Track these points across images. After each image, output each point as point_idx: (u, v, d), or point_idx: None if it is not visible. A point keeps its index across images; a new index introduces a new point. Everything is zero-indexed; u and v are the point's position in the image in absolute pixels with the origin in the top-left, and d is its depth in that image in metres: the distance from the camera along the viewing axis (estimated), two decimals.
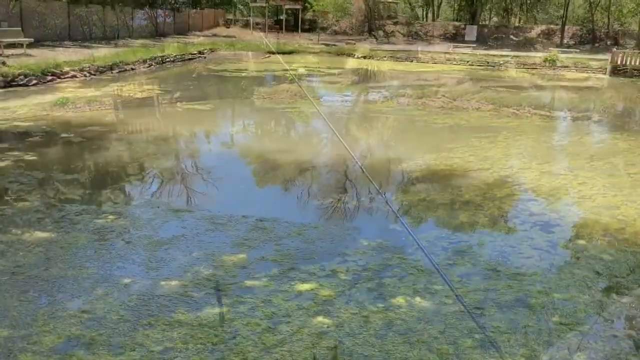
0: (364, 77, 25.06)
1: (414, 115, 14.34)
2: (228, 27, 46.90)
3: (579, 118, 15.63)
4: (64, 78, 16.38)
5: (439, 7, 55.13)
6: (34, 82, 14.98)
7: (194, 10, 44.00)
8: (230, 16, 52.02)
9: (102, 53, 21.02)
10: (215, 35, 40.11)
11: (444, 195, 7.45)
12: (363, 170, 8.41)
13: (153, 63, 22.31)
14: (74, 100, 13.06)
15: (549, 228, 6.42)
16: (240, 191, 7.59)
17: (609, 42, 38.83)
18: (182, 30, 39.08)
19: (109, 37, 29.26)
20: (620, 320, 4.37)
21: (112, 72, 19.01)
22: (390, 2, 54.73)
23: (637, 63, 27.30)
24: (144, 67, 21.26)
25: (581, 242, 5.99)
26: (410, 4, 56.49)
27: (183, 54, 25.85)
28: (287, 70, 24.07)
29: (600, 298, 4.66)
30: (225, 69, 22.55)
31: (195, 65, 24.43)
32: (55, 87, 15.20)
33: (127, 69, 20.23)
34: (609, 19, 42.28)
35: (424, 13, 57.66)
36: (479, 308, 4.24)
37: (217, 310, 4.18)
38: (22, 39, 19.71)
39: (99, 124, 10.78)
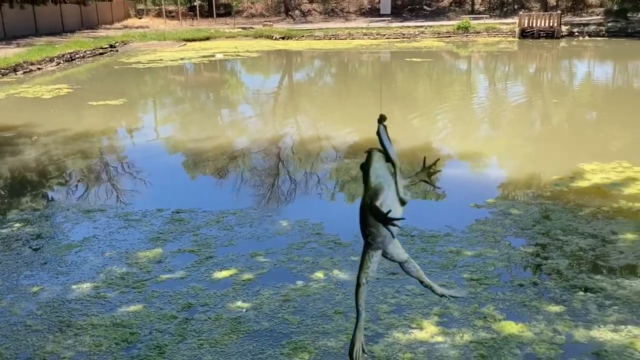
0: (284, 58, 24.96)
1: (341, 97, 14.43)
2: (140, 18, 45.30)
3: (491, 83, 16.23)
4: None
5: None
6: None
7: (102, 2, 42.17)
8: (142, 6, 50.19)
9: (3, 54, 19.85)
10: (126, 27, 38.68)
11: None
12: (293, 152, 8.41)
13: (61, 61, 21.29)
14: None
15: (463, 188, 6.67)
16: (156, 184, 7.41)
17: (516, 6, 40.28)
18: (91, 24, 37.43)
19: (9, 37, 27.62)
20: (526, 270, 4.60)
21: (15, 74, 18.00)
22: None
23: (542, 24, 28.56)
24: (51, 66, 20.25)
25: (491, 200, 6.24)
26: None
27: (93, 49, 24.77)
28: (204, 57, 23.61)
29: (507, 251, 4.88)
30: (138, 61, 21.80)
31: (107, 59, 23.50)
32: None
33: (33, 69, 19.20)
34: None
35: None
36: (394, 274, 4.34)
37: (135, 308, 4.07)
38: None
39: (2, 129, 10.21)
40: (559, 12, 31.34)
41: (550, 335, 3.59)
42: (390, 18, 39.85)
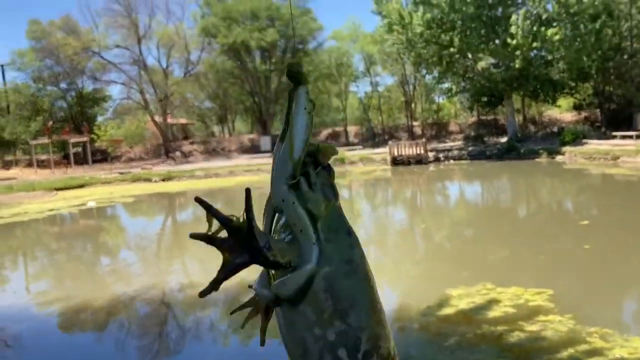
0: (163, 200, 24.22)
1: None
2: (8, 170, 42.95)
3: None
4: None
5: (233, 122, 57.23)
6: None
7: None
8: (11, 157, 47.88)
9: None
10: None
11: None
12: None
13: None
14: None
15: None
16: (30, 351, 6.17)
17: (386, 137, 43.23)
18: None
19: None
20: None
21: None
22: (185, 124, 55.49)
23: (411, 152, 30.56)
24: None
25: None
26: (205, 123, 57.81)
27: None
28: (75, 205, 22.29)
29: None
30: None
31: None
32: None
33: None
34: (381, 116, 47.44)
35: (221, 129, 59.32)
36: None
37: None
38: None
39: None
40: (424, 140, 33.87)
41: None
42: (270, 154, 40.88)
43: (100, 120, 51.33)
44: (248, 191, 1.42)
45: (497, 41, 30.12)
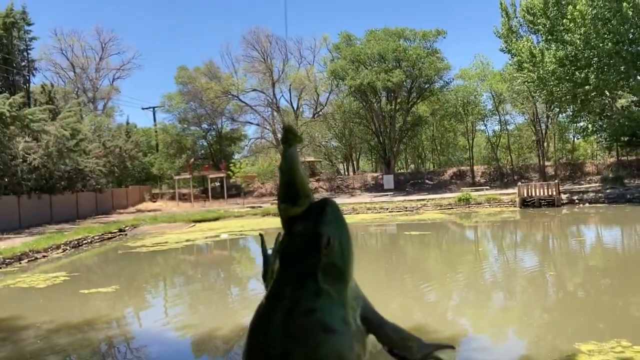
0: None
1: None
2: (154, 201, 47.22)
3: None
4: None
5: (357, 160, 58.32)
6: None
7: (119, 188, 44.37)
8: (157, 190, 52.64)
9: (12, 244, 20.31)
10: (139, 210, 40.12)
11: None
12: None
13: (68, 247, 21.66)
14: None
15: None
16: None
17: (515, 177, 41.60)
18: (106, 210, 38.92)
19: (24, 226, 28.59)
20: None
21: (20, 263, 18.20)
22: (312, 161, 57.51)
23: (542, 193, 29.17)
24: (57, 253, 20.55)
25: None
26: (330, 161, 59.48)
27: (102, 234, 25.37)
28: (210, 237, 24.00)
29: None
30: (143, 245, 22.14)
31: (115, 243, 23.94)
32: None
33: (39, 257, 19.47)
34: (511, 156, 45.79)
35: (345, 167, 60.63)
36: None
37: None
38: None
39: None
40: (557, 181, 32.20)
41: None
42: (393, 192, 41.12)
43: (236, 157, 54.88)
44: (262, 236, 1.72)
45: (638, 77, 28.19)
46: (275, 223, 29.05)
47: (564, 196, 29.48)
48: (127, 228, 28.16)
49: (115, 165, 40.55)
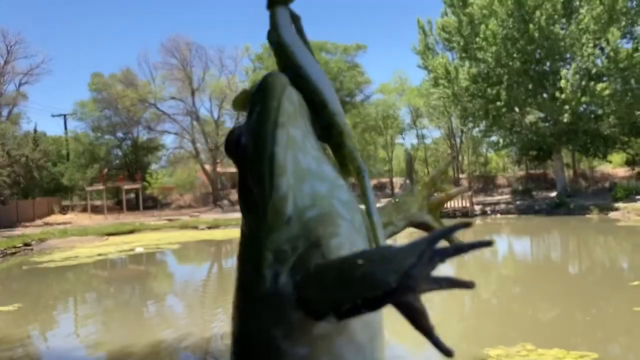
0: (207, 247, 24.64)
1: None
2: (64, 214, 44.79)
3: None
4: None
5: None
6: None
7: (24, 200, 41.70)
8: (68, 202, 49.98)
9: None
10: (47, 223, 37.88)
11: None
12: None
13: None
14: None
15: None
16: None
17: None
18: (10, 223, 36.40)
19: None
20: None
21: None
22: (234, 173, 56.71)
23: (456, 205, 30.25)
24: None
25: None
26: None
27: (4, 249, 23.64)
28: (123, 250, 22.96)
29: None
30: (51, 260, 20.81)
31: (19, 258, 22.38)
32: None
33: None
34: (427, 169, 47.32)
35: None
36: None
37: None
38: None
39: None
40: (470, 193, 33.50)
41: None
42: None
43: (153, 168, 53.17)
44: None
45: (545, 95, 29.96)
46: (193, 236, 28.30)
47: (477, 207, 30.71)
48: (33, 242, 26.41)
49: (21, 176, 38.15)
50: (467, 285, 1.00)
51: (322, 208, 1.02)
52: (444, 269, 1.08)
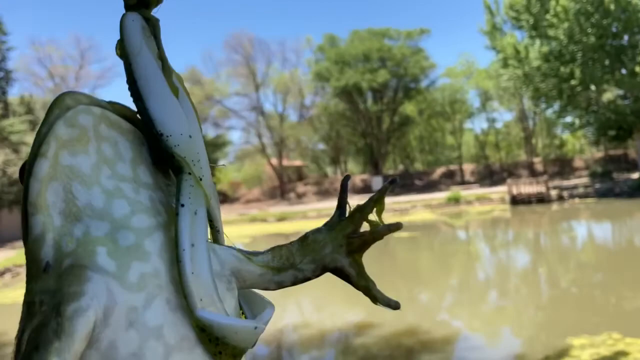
0: (277, 240, 24.76)
1: None
2: None
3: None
4: None
5: (345, 163, 57.99)
6: None
7: None
8: None
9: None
10: None
11: None
12: None
13: None
14: None
15: None
16: None
17: (504, 174, 41.45)
18: None
19: (4, 240, 27.87)
20: None
21: (2, 278, 17.60)
22: (300, 166, 57.11)
23: (531, 190, 28.93)
24: None
25: None
26: (318, 165, 59.12)
27: None
28: None
29: None
30: None
31: None
32: None
33: (22, 271, 18.84)
34: (499, 153, 45.71)
35: (333, 170, 60.29)
36: None
37: None
38: None
39: None
40: (546, 177, 32.01)
41: None
42: None
43: (221, 164, 54.30)
44: None
45: (623, 71, 28.06)
46: (263, 230, 28.61)
47: (553, 192, 29.25)
48: None
49: None
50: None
51: (76, 257, 0.72)
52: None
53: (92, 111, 0.84)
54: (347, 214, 1.02)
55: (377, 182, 44.04)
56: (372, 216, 1.05)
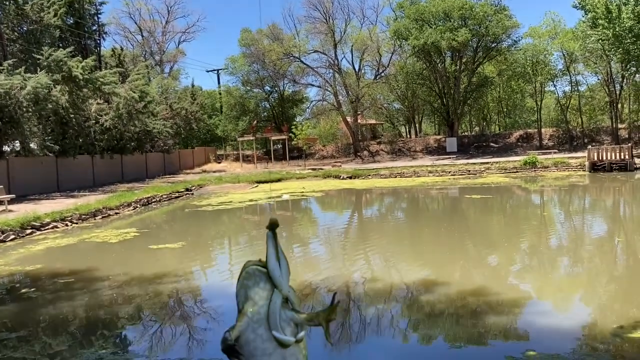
0: (348, 195, 25.49)
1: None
2: (219, 163, 48.54)
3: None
4: (44, 230, 16.63)
5: (420, 123, 57.45)
6: (12, 237, 15.19)
7: (185, 149, 45.77)
8: (221, 152, 53.97)
9: (87, 200, 21.55)
10: (205, 171, 41.40)
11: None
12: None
13: (138, 205, 22.78)
14: (47, 250, 13.20)
15: (506, 335, 6.23)
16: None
17: (585, 140, 39.92)
18: (173, 170, 40.38)
19: (97, 184, 30.18)
20: None
21: (94, 219, 19.32)
22: (374, 124, 57.11)
23: (614, 157, 27.94)
24: (128, 210, 21.66)
25: (531, 352, 5.76)
26: (392, 124, 58.88)
27: (170, 193, 26.46)
28: (272, 197, 24.59)
29: None
30: (209, 204, 22.97)
31: (182, 202, 24.94)
32: (34, 239, 15.38)
33: (111, 214, 20.58)
34: (581, 118, 43.88)
35: (407, 130, 59.88)
36: None
37: None
38: (2, 196, 20.19)
39: (64, 274, 10.80)
40: (630, 144, 30.71)
41: None
42: (456, 155, 40.43)
43: (298, 120, 55.30)
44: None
45: None
46: (335, 185, 29.39)
47: (637, 160, 28.14)
48: (193, 188, 29.23)
49: (182, 127, 41.80)
50: None
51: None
52: None
53: (259, 274, 2.74)
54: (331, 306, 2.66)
55: (452, 144, 43.59)
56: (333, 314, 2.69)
